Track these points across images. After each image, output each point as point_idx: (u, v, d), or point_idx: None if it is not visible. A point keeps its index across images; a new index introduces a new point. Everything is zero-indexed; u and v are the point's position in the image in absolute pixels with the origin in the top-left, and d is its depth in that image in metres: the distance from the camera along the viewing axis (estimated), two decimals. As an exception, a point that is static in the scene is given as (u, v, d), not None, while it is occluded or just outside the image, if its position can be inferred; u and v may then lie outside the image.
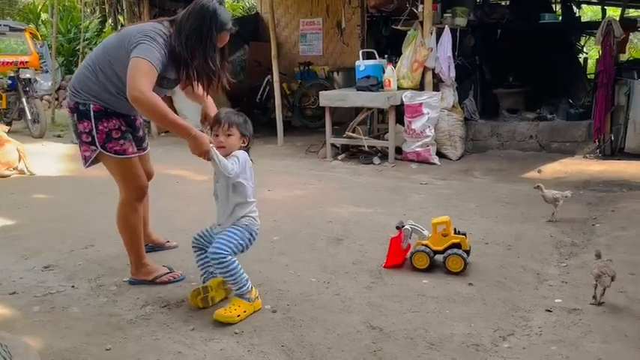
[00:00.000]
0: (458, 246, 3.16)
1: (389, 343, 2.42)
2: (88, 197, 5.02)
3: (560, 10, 9.66)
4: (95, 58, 2.92)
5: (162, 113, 2.64)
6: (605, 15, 8.62)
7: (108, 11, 11.63)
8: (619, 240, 3.64)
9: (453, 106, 6.65)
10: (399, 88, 6.55)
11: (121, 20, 9.91)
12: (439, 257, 3.19)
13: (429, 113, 6.29)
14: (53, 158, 7.08)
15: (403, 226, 3.25)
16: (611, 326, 2.52)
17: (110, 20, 11.99)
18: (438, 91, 6.58)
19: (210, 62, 2.79)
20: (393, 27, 7.43)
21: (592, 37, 8.74)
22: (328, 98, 6.73)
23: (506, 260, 3.34)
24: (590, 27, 9.49)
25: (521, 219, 4.10)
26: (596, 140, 6.37)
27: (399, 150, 6.51)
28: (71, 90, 2.95)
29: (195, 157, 2.67)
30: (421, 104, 6.29)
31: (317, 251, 3.57)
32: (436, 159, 6.35)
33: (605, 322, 2.55)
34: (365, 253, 3.51)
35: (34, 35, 12.30)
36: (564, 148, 6.59)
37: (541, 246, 3.59)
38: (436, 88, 6.64)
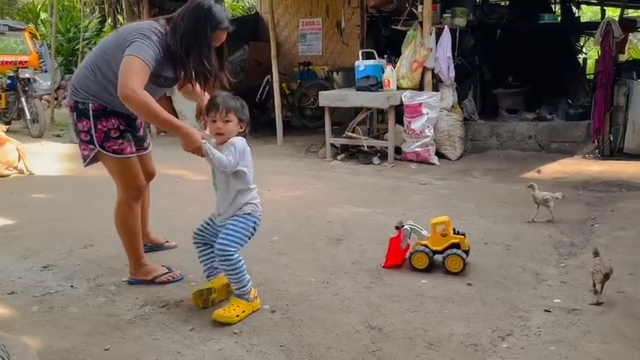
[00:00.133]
0: (457, 246, 3.16)
1: (388, 343, 2.42)
2: (87, 197, 5.01)
3: (559, 10, 9.66)
4: (94, 57, 2.92)
5: (153, 111, 2.63)
6: (605, 15, 8.64)
7: (107, 11, 11.62)
8: (618, 240, 3.64)
9: (453, 106, 6.65)
10: (399, 88, 6.55)
11: (121, 20, 9.89)
12: (438, 257, 3.19)
13: (428, 113, 6.30)
14: (52, 158, 7.07)
15: (402, 226, 3.25)
16: (610, 326, 2.52)
17: (109, 20, 11.98)
18: (438, 91, 6.58)
19: (205, 60, 2.77)
20: (392, 27, 7.42)
21: (591, 38, 8.74)
22: (328, 98, 6.74)
23: (505, 260, 3.34)
24: (590, 27, 9.50)
25: (520, 219, 4.10)
26: (596, 140, 6.37)
27: (398, 150, 6.51)
28: (71, 89, 2.96)
29: (193, 155, 2.64)
30: (420, 104, 6.29)
31: (316, 251, 3.57)
32: (435, 159, 6.35)
33: (604, 322, 2.55)
34: (364, 253, 3.51)
35: (33, 35, 12.31)
36: (563, 148, 6.60)
37: (540, 246, 3.59)
38: (435, 88, 6.64)
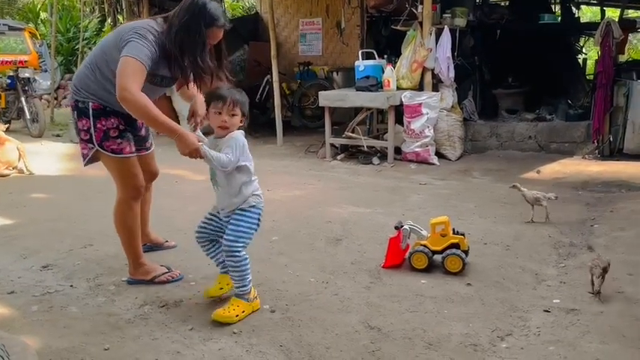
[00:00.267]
0: (456, 246, 3.16)
1: (387, 343, 2.42)
2: (87, 196, 5.01)
3: (559, 10, 9.67)
4: (94, 56, 2.93)
5: (150, 113, 2.63)
6: (605, 16, 8.62)
7: (107, 10, 11.62)
8: (617, 240, 3.64)
9: (452, 106, 6.65)
10: (399, 89, 6.55)
11: (121, 19, 9.89)
12: (438, 257, 3.19)
13: (428, 113, 6.30)
14: (52, 158, 7.07)
15: (402, 226, 3.25)
16: (609, 326, 2.52)
17: (109, 20, 11.97)
18: (438, 91, 6.59)
19: (199, 59, 2.76)
20: (392, 27, 7.42)
21: (591, 38, 8.73)
22: (328, 98, 6.74)
23: (504, 260, 3.34)
24: (590, 28, 9.50)
25: (519, 219, 4.10)
26: (595, 141, 6.37)
27: (398, 150, 6.51)
28: (72, 88, 2.98)
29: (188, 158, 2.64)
30: (420, 104, 6.30)
31: (316, 251, 3.57)
32: (435, 159, 6.35)
33: (603, 323, 2.55)
34: (364, 253, 3.51)
35: (33, 34, 12.31)
36: (563, 148, 6.60)
37: (539, 246, 3.59)
38: (435, 88, 6.64)
